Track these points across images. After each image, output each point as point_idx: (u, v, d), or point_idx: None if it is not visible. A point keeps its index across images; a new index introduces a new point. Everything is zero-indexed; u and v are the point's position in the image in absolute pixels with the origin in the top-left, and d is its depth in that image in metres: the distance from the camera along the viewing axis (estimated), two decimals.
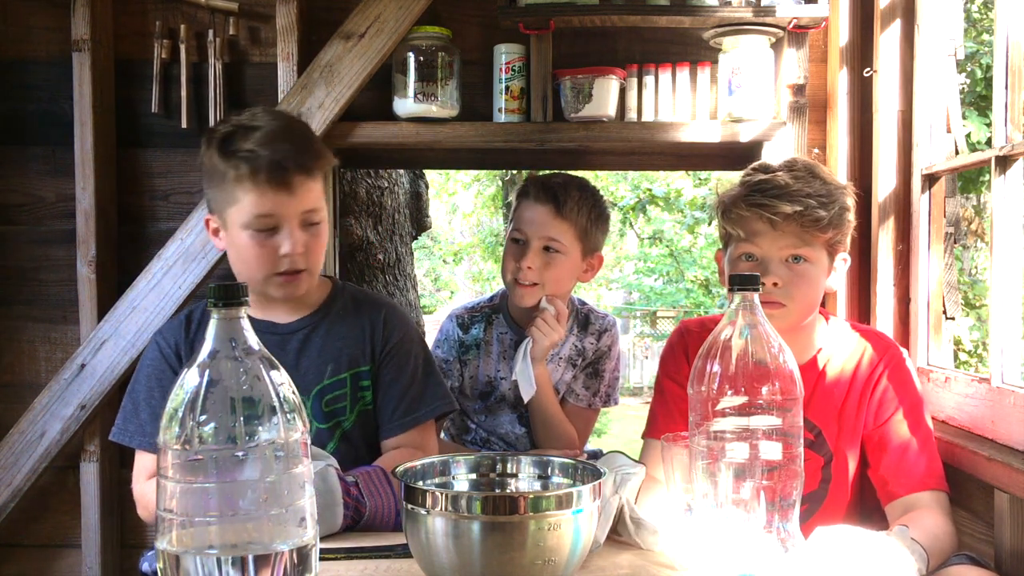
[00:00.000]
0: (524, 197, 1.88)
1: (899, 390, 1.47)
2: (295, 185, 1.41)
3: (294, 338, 1.53)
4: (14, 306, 2.01)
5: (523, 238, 1.84)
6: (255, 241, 1.41)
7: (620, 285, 12.56)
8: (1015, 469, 1.35)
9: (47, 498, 2.00)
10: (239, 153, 1.39)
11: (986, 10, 6.08)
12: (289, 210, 1.41)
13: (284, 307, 1.53)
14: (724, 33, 1.91)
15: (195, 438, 0.81)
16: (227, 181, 1.40)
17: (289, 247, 1.41)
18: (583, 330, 1.94)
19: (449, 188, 11.36)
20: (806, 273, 1.45)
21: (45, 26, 1.97)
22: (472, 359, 1.93)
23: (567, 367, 1.92)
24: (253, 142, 1.39)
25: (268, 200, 1.39)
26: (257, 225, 1.40)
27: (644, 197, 9.28)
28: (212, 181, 1.44)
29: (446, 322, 1.98)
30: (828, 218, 1.43)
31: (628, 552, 1.17)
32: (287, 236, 1.41)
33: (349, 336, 1.55)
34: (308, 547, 0.85)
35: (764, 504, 1.03)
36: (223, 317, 0.85)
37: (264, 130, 1.41)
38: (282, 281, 1.45)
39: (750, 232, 1.46)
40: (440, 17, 1.97)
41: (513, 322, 1.93)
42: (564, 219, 1.82)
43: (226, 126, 1.45)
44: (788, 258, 1.45)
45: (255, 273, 1.44)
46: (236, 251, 1.45)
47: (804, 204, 1.41)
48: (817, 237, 1.44)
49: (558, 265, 1.83)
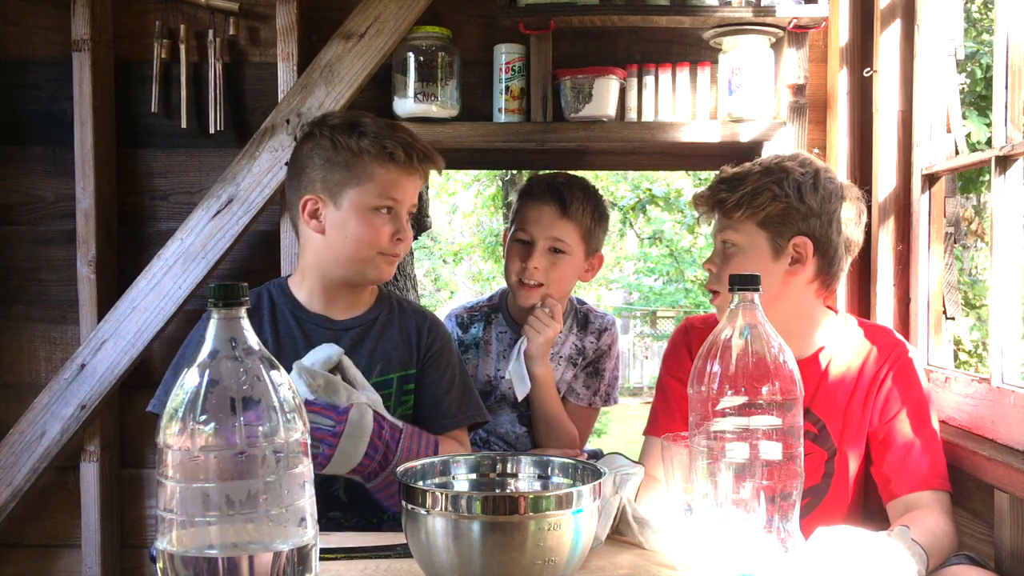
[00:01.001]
0: (528, 197, 1.88)
1: (904, 389, 1.48)
2: (426, 174, 1.57)
3: (347, 335, 1.56)
4: (14, 306, 2.01)
5: (528, 238, 1.84)
6: (375, 221, 1.50)
7: (620, 285, 12.55)
8: (1015, 469, 1.35)
9: (47, 498, 2.00)
10: (385, 136, 1.49)
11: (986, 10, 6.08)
12: (409, 198, 1.55)
13: (342, 303, 1.58)
14: (724, 33, 1.91)
15: (195, 438, 0.81)
16: (363, 160, 1.48)
17: (403, 233, 1.53)
18: (583, 329, 1.94)
19: (449, 188, 11.35)
20: (736, 255, 1.51)
21: (45, 26, 1.97)
22: (471, 359, 1.93)
23: (568, 366, 1.92)
24: (391, 129, 1.53)
25: (404, 183, 1.51)
26: (383, 204, 1.50)
27: (644, 197, 9.28)
28: (333, 161, 1.50)
29: (445, 322, 1.98)
30: (735, 200, 1.49)
31: (628, 552, 1.18)
32: (401, 222, 1.53)
33: (399, 340, 1.60)
34: (308, 547, 0.85)
35: (764, 504, 1.03)
36: (223, 317, 0.85)
37: (388, 123, 1.56)
38: (389, 260, 1.54)
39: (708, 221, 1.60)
40: (440, 17, 1.97)
41: (512, 321, 1.93)
42: (569, 219, 1.83)
43: (340, 116, 1.57)
44: (722, 242, 1.54)
45: (364, 253, 1.51)
46: (346, 231, 1.51)
47: (715, 189, 1.53)
48: (734, 218, 1.51)
49: (563, 265, 1.84)
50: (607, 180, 9.80)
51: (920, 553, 1.13)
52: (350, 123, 1.52)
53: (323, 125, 1.53)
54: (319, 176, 1.51)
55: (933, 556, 1.23)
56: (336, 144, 1.49)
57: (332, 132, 1.51)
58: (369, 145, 1.48)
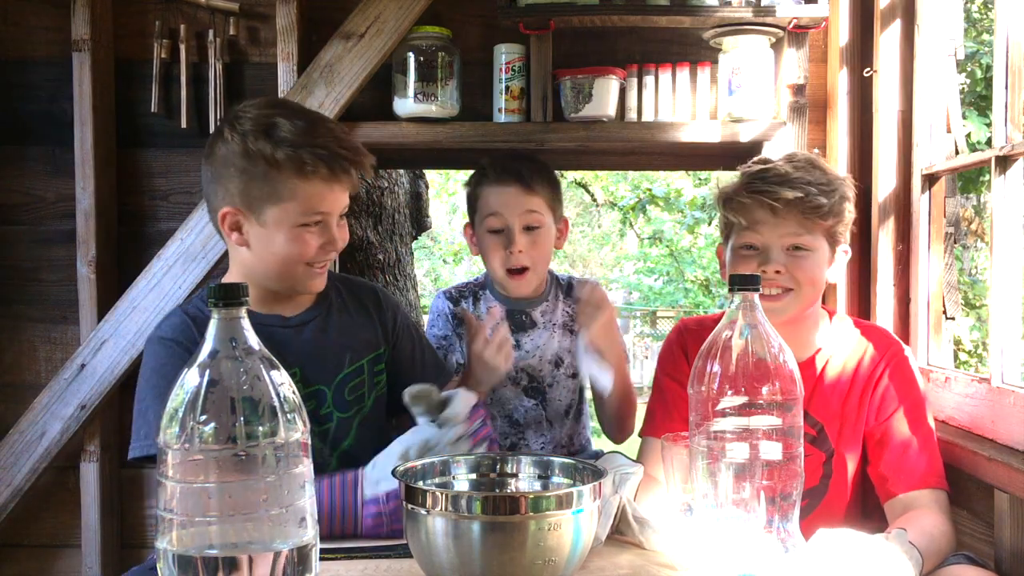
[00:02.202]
0: (485, 184, 1.83)
1: (901, 388, 1.48)
2: (354, 182, 1.45)
3: (307, 329, 1.52)
4: (14, 306, 2.01)
5: (502, 225, 1.81)
6: (303, 237, 1.40)
7: (620, 285, 12.54)
8: (1015, 469, 1.35)
9: (47, 498, 2.00)
10: (303, 146, 1.35)
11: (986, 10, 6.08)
12: (339, 206, 1.44)
13: (289, 302, 1.52)
14: (724, 33, 1.91)
15: (195, 438, 0.81)
16: (281, 175, 1.35)
17: (334, 243, 1.44)
18: (569, 296, 1.95)
19: (449, 188, 11.34)
20: (808, 259, 1.46)
21: (45, 26, 1.97)
22: (463, 334, 1.91)
23: (564, 334, 1.92)
24: (309, 133, 1.37)
25: (330, 196, 1.40)
26: (310, 220, 1.40)
27: (644, 197, 9.27)
28: (250, 173, 1.36)
29: (436, 301, 1.97)
30: (829, 205, 1.44)
31: (628, 552, 1.18)
32: (331, 231, 1.44)
33: (360, 324, 1.58)
34: (308, 547, 0.85)
35: (764, 504, 1.03)
36: (223, 317, 0.84)
37: (307, 121, 1.40)
38: (316, 272, 1.46)
39: (752, 220, 1.47)
40: (440, 17, 1.97)
41: (500, 295, 1.93)
42: (534, 193, 1.81)
43: (254, 115, 1.39)
44: (789, 247, 1.46)
45: (291, 269, 1.43)
46: (272, 247, 1.40)
47: (805, 191, 1.43)
48: (818, 224, 1.45)
49: (542, 241, 1.83)
50: (607, 180, 9.80)
51: (916, 557, 1.13)
52: (264, 126, 1.36)
53: (235, 126, 1.38)
54: (236, 188, 1.38)
55: (930, 557, 1.23)
56: (249, 153, 1.35)
57: (244, 138, 1.36)
58: (285, 159, 1.34)
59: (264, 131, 1.36)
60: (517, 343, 1.89)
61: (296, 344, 1.48)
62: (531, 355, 1.89)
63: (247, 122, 1.37)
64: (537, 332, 1.90)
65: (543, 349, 1.90)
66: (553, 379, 1.91)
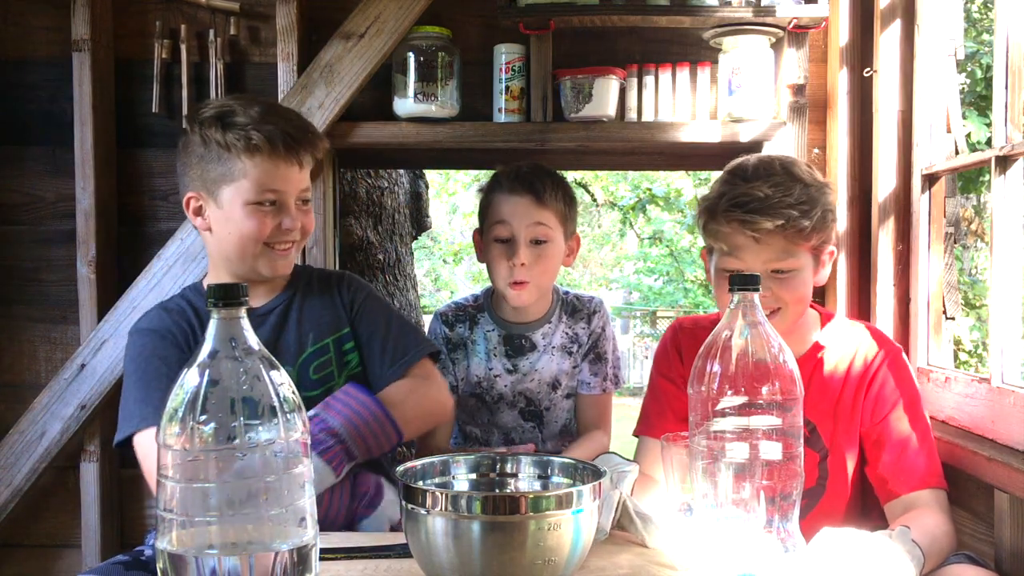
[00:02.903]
0: (499, 192, 1.82)
1: (896, 387, 1.47)
2: (303, 161, 1.48)
3: (270, 318, 1.55)
4: (14, 306, 2.01)
5: (509, 235, 1.80)
6: (256, 216, 1.45)
7: (620, 285, 12.55)
8: (1015, 469, 1.35)
9: (47, 498, 2.00)
10: (251, 127, 1.42)
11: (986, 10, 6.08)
12: (292, 186, 1.48)
13: (261, 290, 1.56)
14: (724, 33, 1.91)
15: (195, 438, 0.81)
16: (232, 155, 1.43)
17: (290, 222, 1.48)
18: (571, 316, 1.92)
19: (449, 188, 11.34)
20: (793, 279, 1.44)
21: (45, 26, 1.97)
22: (460, 358, 1.92)
23: (562, 356, 1.91)
24: (261, 118, 1.43)
25: (279, 174, 1.45)
26: (263, 198, 1.45)
27: (644, 197, 9.28)
28: (206, 158, 1.45)
29: (432, 322, 1.97)
30: (811, 226, 1.41)
31: (628, 552, 1.18)
32: (288, 212, 1.48)
33: (323, 306, 1.60)
34: (308, 547, 0.85)
35: (764, 504, 1.03)
36: (223, 317, 0.85)
37: (263, 108, 1.46)
38: (277, 254, 1.50)
39: (733, 246, 1.44)
40: (440, 17, 1.97)
41: (499, 318, 1.92)
42: (546, 206, 1.79)
43: (214, 107, 1.47)
44: (773, 270, 1.43)
45: (249, 249, 1.47)
46: (229, 227, 1.47)
47: (786, 216, 1.39)
48: (801, 246, 1.43)
49: (547, 256, 1.82)
50: (607, 180, 9.80)
51: (918, 555, 1.13)
52: (219, 115, 1.44)
53: (194, 119, 1.47)
54: (196, 174, 1.47)
55: (932, 556, 1.23)
56: (205, 139, 1.44)
57: (201, 127, 1.44)
58: (235, 139, 1.42)
59: (219, 118, 1.44)
60: (515, 367, 1.90)
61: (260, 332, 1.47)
62: (529, 378, 1.89)
63: (207, 113, 1.46)
64: (536, 355, 1.90)
65: (541, 372, 1.89)
66: (551, 401, 1.90)
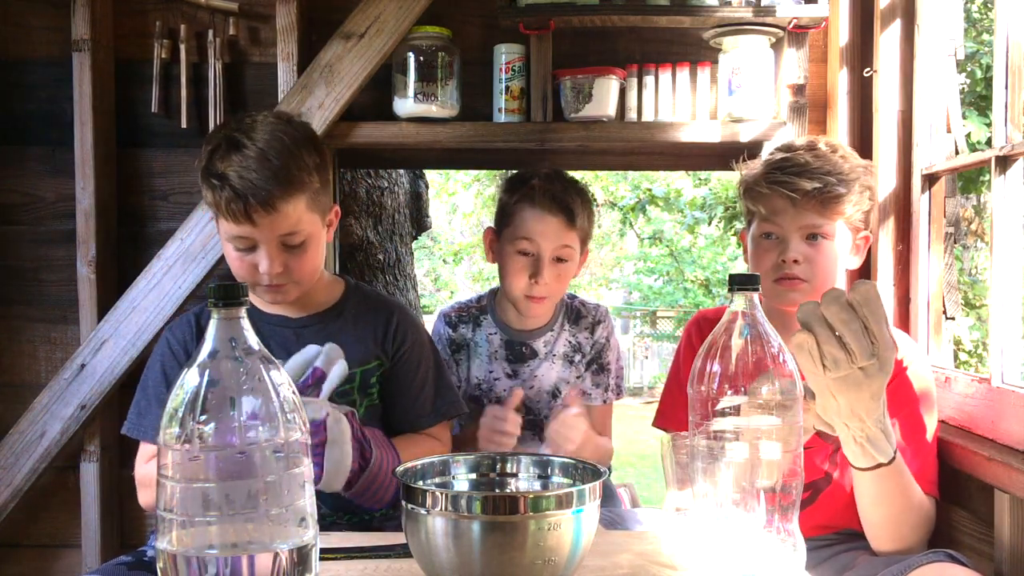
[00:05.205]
0: (529, 206, 1.80)
1: (896, 392, 1.47)
2: (258, 219, 1.39)
3: (307, 331, 1.55)
4: (14, 306, 2.01)
5: (535, 251, 1.79)
6: (233, 254, 1.46)
7: (620, 285, 12.56)
8: (1015, 469, 1.35)
9: (47, 498, 2.00)
10: (211, 179, 1.41)
11: (986, 10, 6.08)
12: (260, 235, 1.42)
13: (294, 304, 1.56)
14: (724, 33, 1.91)
15: (195, 438, 0.81)
16: (215, 211, 1.45)
17: (266, 267, 1.44)
18: (575, 324, 1.92)
19: (449, 188, 11.35)
20: (826, 250, 1.48)
21: (45, 26, 1.97)
22: (462, 359, 1.92)
23: (564, 364, 1.91)
24: (227, 166, 1.39)
25: (239, 227, 1.42)
26: (235, 244, 1.45)
27: (644, 197, 9.28)
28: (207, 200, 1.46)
29: (436, 322, 1.97)
30: (847, 195, 1.46)
31: (628, 552, 1.18)
32: (264, 256, 1.44)
33: (361, 336, 1.58)
34: (308, 547, 0.85)
35: (764, 504, 1.03)
36: (223, 317, 0.84)
37: (241, 153, 1.39)
38: (265, 290, 1.49)
39: (771, 210, 1.50)
40: (440, 17, 1.97)
41: (501, 322, 1.92)
42: (575, 228, 1.81)
43: (219, 136, 1.45)
44: (808, 235, 1.48)
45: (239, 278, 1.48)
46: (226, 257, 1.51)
47: (823, 180, 1.45)
48: (837, 213, 1.47)
49: (567, 273, 1.83)
50: (607, 180, 9.80)
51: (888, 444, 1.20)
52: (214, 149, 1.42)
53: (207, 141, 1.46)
54: None
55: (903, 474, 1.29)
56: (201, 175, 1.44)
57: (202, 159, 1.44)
58: (213, 203, 1.42)
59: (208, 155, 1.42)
60: (515, 373, 1.90)
61: (295, 343, 1.49)
62: (529, 385, 1.89)
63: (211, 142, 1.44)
64: (536, 362, 1.90)
65: (542, 380, 1.89)
66: (550, 410, 1.88)
